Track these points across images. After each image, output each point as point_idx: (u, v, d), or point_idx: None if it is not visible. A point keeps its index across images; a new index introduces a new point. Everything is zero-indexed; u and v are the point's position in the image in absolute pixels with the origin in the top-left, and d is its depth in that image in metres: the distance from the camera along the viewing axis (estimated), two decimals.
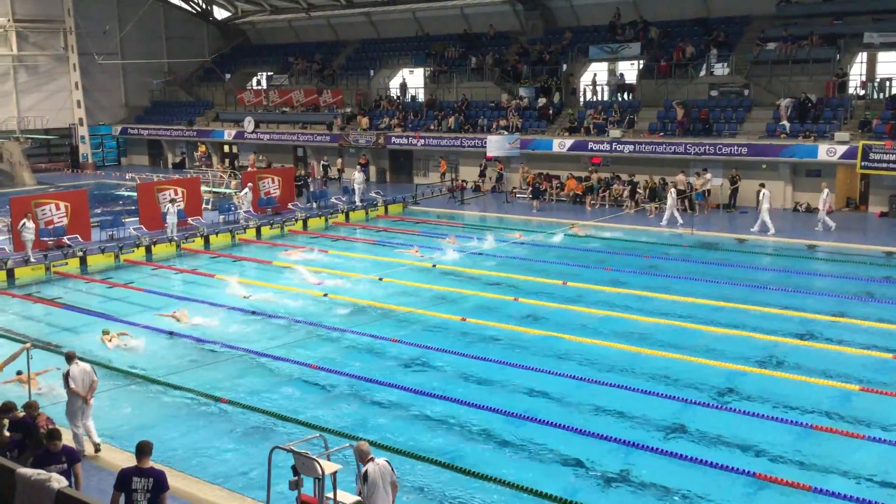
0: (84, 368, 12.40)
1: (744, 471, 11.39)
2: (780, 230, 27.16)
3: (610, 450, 12.25)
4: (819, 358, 15.99)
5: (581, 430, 12.79)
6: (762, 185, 28.63)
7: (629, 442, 12.41)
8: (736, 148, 31.44)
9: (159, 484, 8.96)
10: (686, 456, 11.89)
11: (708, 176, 31.30)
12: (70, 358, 12.49)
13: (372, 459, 9.19)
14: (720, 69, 36.18)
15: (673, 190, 29.94)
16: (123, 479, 8.89)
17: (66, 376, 12.30)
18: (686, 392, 14.36)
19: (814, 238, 26.22)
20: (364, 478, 9.08)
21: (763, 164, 31.06)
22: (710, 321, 18.27)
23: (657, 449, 12.19)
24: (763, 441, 12.42)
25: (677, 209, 29.50)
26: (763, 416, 13.26)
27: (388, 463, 9.30)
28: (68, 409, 12.32)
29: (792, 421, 13.06)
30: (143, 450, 9.06)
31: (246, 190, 32.14)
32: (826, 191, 27.62)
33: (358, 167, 37.38)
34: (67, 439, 11.25)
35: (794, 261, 23.99)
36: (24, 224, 25.12)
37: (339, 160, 42.53)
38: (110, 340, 17.53)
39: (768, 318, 18.44)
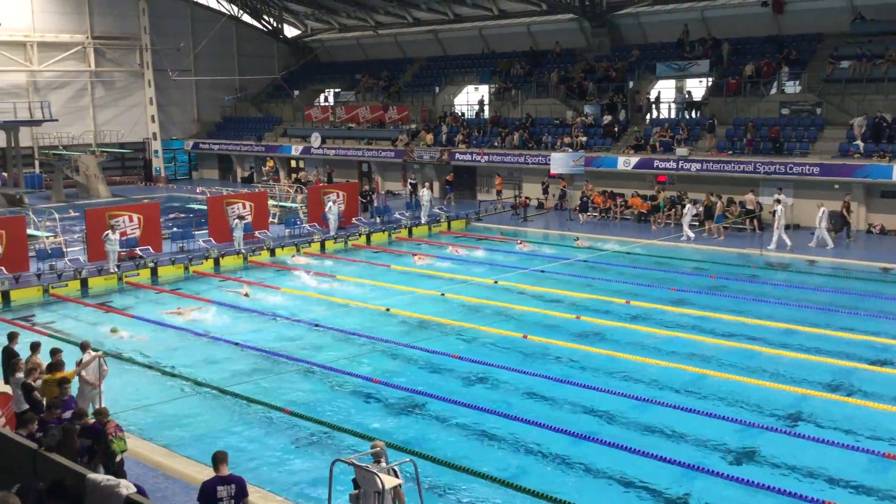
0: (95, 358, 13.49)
1: (812, 498, 11.06)
2: (854, 253, 26.51)
3: (672, 473, 12.02)
4: (892, 384, 15.47)
5: (643, 452, 12.59)
6: (777, 202, 28.08)
7: (692, 465, 12.16)
8: (807, 167, 30.71)
9: (241, 489, 9.06)
10: (752, 482, 11.60)
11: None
12: (84, 348, 13.67)
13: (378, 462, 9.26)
14: (791, 87, 35.49)
15: (689, 206, 29.89)
16: (209, 491, 8.92)
17: (79, 364, 13.30)
18: (753, 416, 14.04)
19: (887, 261, 25.44)
20: (356, 484, 9.15)
21: (835, 185, 30.28)
22: (779, 344, 17.84)
23: (721, 473, 11.93)
24: (833, 468, 12.06)
25: (690, 226, 29.69)
26: (833, 442, 12.88)
27: (394, 470, 9.26)
28: (79, 395, 13.21)
29: (863, 448, 12.66)
30: (220, 458, 9.13)
31: (330, 205, 32.46)
32: (823, 209, 27.44)
33: (426, 184, 37.33)
34: None
35: (867, 283, 23.28)
36: (107, 235, 25.88)
37: (435, 174, 42.07)
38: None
39: (839, 342, 17.93)
